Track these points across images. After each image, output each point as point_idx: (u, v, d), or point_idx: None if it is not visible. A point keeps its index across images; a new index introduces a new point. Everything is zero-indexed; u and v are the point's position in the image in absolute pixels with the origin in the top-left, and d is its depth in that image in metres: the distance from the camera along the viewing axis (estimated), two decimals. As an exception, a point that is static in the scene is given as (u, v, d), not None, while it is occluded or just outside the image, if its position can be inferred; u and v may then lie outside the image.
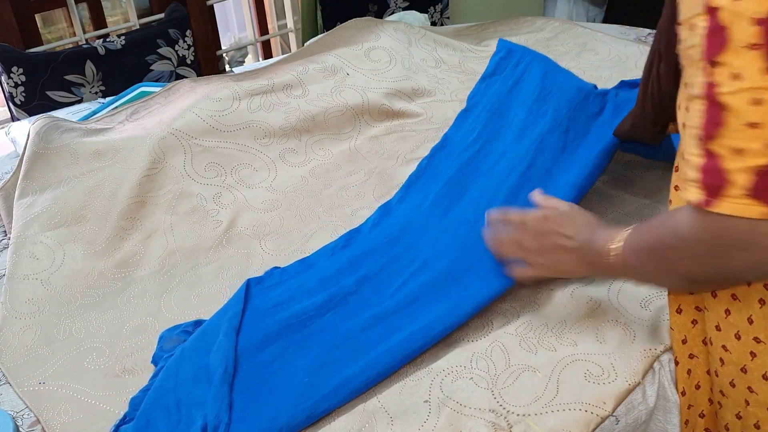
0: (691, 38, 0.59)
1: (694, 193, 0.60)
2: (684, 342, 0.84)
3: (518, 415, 0.81)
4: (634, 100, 0.95)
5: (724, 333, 0.76)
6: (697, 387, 0.85)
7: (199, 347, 0.91)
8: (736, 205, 0.57)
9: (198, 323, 0.99)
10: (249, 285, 1.01)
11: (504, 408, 0.82)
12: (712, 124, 0.57)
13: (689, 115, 0.61)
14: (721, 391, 0.81)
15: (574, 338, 0.90)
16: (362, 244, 1.07)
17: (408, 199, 1.16)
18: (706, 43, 0.57)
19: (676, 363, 0.86)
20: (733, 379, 0.78)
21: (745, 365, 0.75)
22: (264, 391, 0.85)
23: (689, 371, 0.85)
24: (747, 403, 0.77)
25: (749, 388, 0.76)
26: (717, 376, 0.80)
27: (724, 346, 0.77)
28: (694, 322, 0.82)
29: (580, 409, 0.81)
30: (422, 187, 1.17)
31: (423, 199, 1.13)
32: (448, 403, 0.83)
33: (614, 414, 0.82)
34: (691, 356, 0.84)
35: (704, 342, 0.82)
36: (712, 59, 0.56)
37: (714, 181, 0.58)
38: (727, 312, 0.74)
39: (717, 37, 0.55)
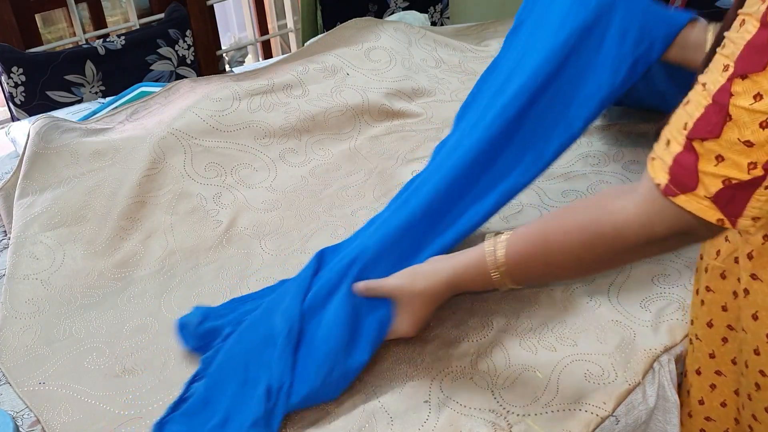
0: (736, 33, 0.56)
1: (661, 177, 0.60)
2: (712, 356, 0.82)
3: (518, 415, 0.81)
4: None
5: (763, 357, 0.73)
6: (723, 405, 0.84)
7: (270, 311, 0.93)
8: (699, 206, 0.58)
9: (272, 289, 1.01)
10: (323, 254, 1.01)
11: (504, 408, 0.82)
12: (709, 127, 0.56)
13: (690, 101, 0.59)
14: (753, 416, 0.78)
15: (574, 338, 0.90)
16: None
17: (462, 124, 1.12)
18: (745, 51, 0.54)
19: (698, 373, 0.85)
20: None
21: None
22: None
23: (713, 386, 0.84)
24: None
25: None
26: (750, 399, 0.77)
27: (762, 371, 0.74)
28: (725, 340, 0.80)
29: (580, 409, 0.81)
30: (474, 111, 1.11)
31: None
32: (448, 403, 0.83)
33: (614, 414, 0.82)
34: (718, 373, 0.82)
35: (733, 362, 0.80)
36: (744, 73, 0.54)
37: (684, 177, 0.58)
38: None
39: (760, 55, 0.53)
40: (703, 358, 0.83)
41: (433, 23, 2.39)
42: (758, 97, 0.53)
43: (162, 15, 2.10)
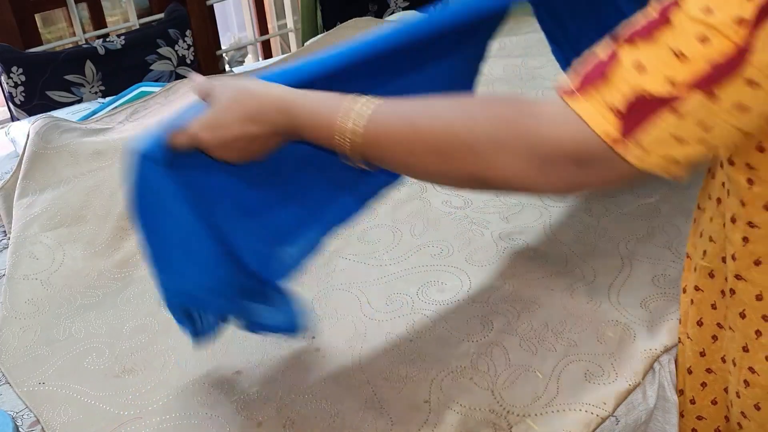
0: None
1: (568, 80, 0.53)
2: (702, 355, 0.82)
3: (518, 415, 0.81)
4: None
5: (752, 354, 0.73)
6: (714, 403, 0.84)
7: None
8: (594, 110, 0.51)
9: None
10: None
11: (504, 408, 0.82)
12: (643, 33, 0.51)
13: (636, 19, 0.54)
14: (742, 413, 0.78)
15: (574, 338, 0.90)
16: None
17: None
18: None
19: (690, 372, 0.85)
20: (759, 402, 0.75)
21: None
22: None
23: (704, 384, 0.84)
24: None
25: None
26: (738, 397, 0.77)
27: (751, 368, 0.74)
28: (714, 338, 0.80)
29: (580, 410, 0.81)
30: None
31: None
32: (448, 403, 0.83)
33: (614, 414, 0.82)
34: (708, 371, 0.82)
35: (722, 359, 0.80)
36: None
37: (594, 78, 0.52)
38: (758, 333, 0.71)
39: None
40: (693, 357, 0.84)
41: (433, 23, 2.39)
42: (708, 10, 0.48)
43: (162, 15, 2.10)
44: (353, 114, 0.62)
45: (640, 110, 0.50)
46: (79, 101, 1.90)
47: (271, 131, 0.67)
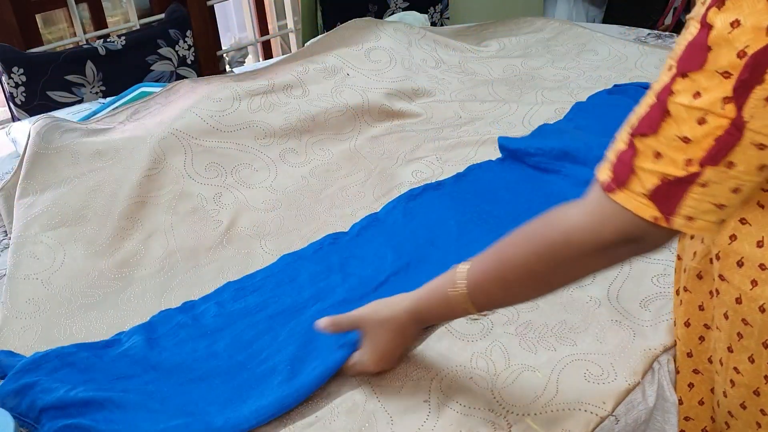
0: (681, 36, 0.58)
1: (605, 175, 0.61)
2: (689, 355, 0.83)
3: (518, 414, 0.81)
4: None
5: (736, 355, 0.74)
6: (701, 403, 0.84)
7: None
8: (636, 202, 0.58)
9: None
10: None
11: (504, 408, 0.82)
12: (649, 123, 0.58)
13: (640, 104, 0.61)
14: (729, 412, 0.79)
15: (574, 338, 0.91)
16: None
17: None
18: (686, 52, 0.56)
19: (677, 372, 0.85)
20: (744, 401, 0.76)
21: (758, 388, 0.74)
22: None
23: (691, 385, 0.84)
24: (759, 425, 0.76)
25: (762, 410, 0.75)
26: (725, 396, 0.79)
27: (735, 368, 0.75)
28: (702, 338, 0.81)
29: (580, 409, 0.81)
30: None
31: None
32: (448, 403, 0.83)
33: (614, 414, 0.82)
34: (695, 371, 0.83)
35: (709, 360, 0.81)
36: (684, 71, 0.56)
37: (624, 174, 0.59)
38: (740, 335, 0.73)
39: (699, 54, 0.55)
40: (681, 357, 0.85)
41: (433, 24, 2.39)
42: (697, 95, 0.55)
43: (162, 15, 2.10)
44: (457, 279, 0.75)
45: (670, 190, 0.57)
46: (80, 101, 1.90)
47: (413, 336, 0.87)
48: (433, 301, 0.79)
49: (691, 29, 0.56)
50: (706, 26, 0.55)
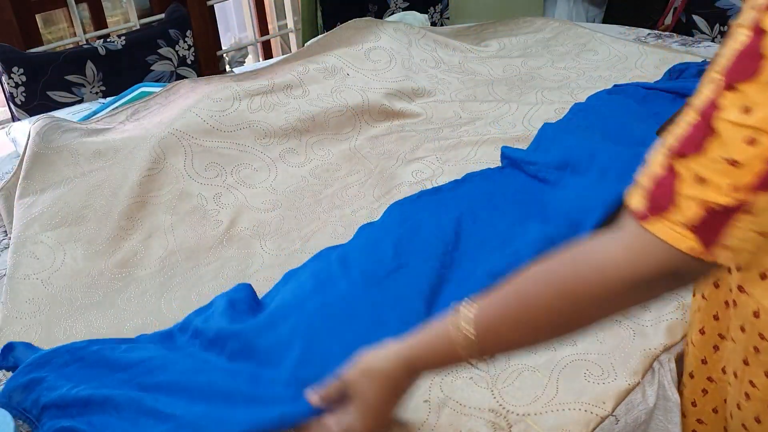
0: (725, 47, 0.52)
1: (637, 201, 0.55)
2: (704, 362, 0.82)
3: (518, 414, 0.81)
4: None
5: (752, 369, 0.72)
6: (715, 411, 0.84)
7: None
8: (672, 233, 0.52)
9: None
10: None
11: (504, 408, 0.82)
12: (692, 143, 0.52)
13: (678, 123, 0.55)
14: (743, 425, 0.78)
15: (574, 338, 0.90)
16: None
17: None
18: (734, 61, 0.50)
19: (692, 376, 0.84)
20: (759, 415, 0.75)
21: None
22: None
23: (705, 391, 0.83)
24: None
25: None
26: (739, 409, 0.77)
27: (751, 382, 0.73)
28: (716, 348, 0.80)
29: (580, 409, 0.81)
30: None
31: None
32: (448, 402, 0.83)
33: (614, 414, 0.82)
34: (710, 379, 0.82)
35: (723, 370, 0.80)
36: (731, 83, 0.50)
37: (661, 200, 0.53)
38: (756, 350, 0.71)
39: (750, 63, 0.49)
40: (696, 363, 0.84)
41: (433, 23, 2.39)
42: (746, 110, 0.49)
43: (162, 15, 2.10)
44: (462, 323, 0.65)
45: (714, 221, 0.51)
46: (80, 101, 1.90)
47: (406, 390, 0.73)
48: (430, 348, 0.69)
49: (740, 37, 0.51)
50: (758, 32, 0.49)
